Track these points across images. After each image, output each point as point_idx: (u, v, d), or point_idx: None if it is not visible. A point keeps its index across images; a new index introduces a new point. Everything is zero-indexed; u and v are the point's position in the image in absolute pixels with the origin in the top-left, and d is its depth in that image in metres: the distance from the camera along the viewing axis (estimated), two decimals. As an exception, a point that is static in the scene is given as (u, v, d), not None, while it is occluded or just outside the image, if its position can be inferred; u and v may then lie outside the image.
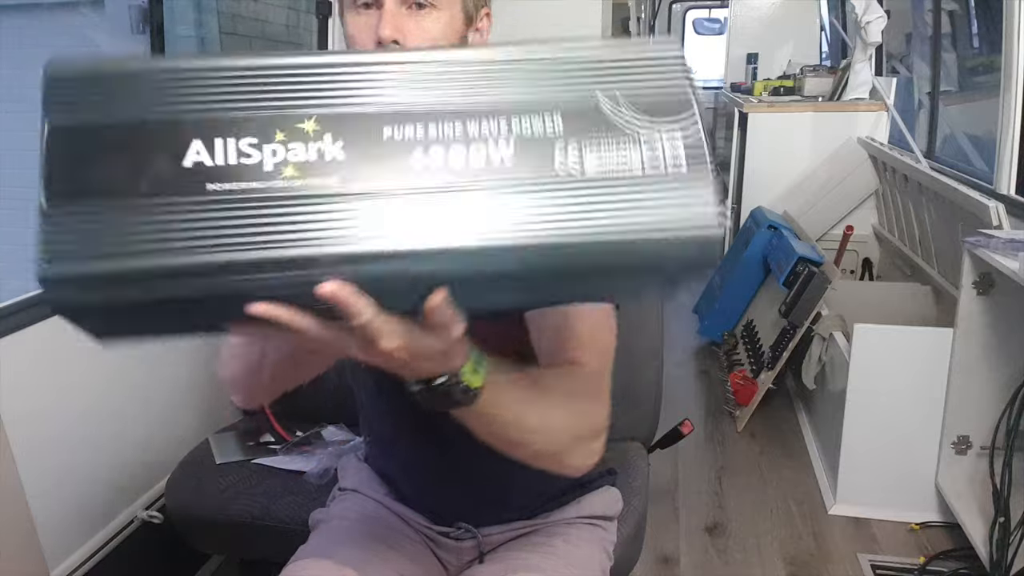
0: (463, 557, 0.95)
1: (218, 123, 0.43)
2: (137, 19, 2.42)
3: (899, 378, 1.90)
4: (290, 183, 0.43)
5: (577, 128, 0.46)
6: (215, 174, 0.42)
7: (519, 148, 0.45)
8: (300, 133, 0.43)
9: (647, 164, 0.46)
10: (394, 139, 0.44)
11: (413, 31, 0.74)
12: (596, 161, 0.45)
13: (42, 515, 1.22)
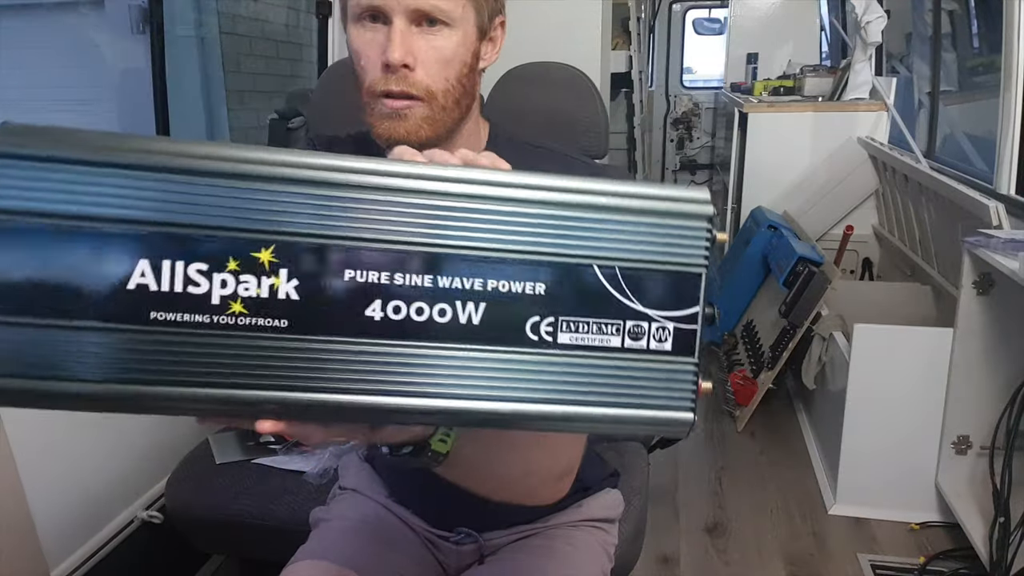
0: (463, 560, 0.94)
1: (169, 242, 0.40)
2: (137, 19, 2.42)
3: (899, 378, 1.90)
4: (236, 319, 0.40)
5: (560, 300, 0.42)
6: (159, 302, 0.40)
7: (489, 311, 0.42)
8: (254, 264, 0.40)
9: (628, 342, 0.43)
10: (355, 282, 0.41)
11: (424, 51, 0.71)
12: (572, 336, 0.43)
13: (42, 515, 1.22)
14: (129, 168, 0.40)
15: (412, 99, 0.71)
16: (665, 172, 6.00)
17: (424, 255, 0.41)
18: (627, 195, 0.43)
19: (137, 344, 0.40)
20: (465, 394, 0.42)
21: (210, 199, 0.40)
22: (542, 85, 1.22)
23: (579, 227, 0.42)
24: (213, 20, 2.91)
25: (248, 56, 3.05)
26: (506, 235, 0.42)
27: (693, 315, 0.43)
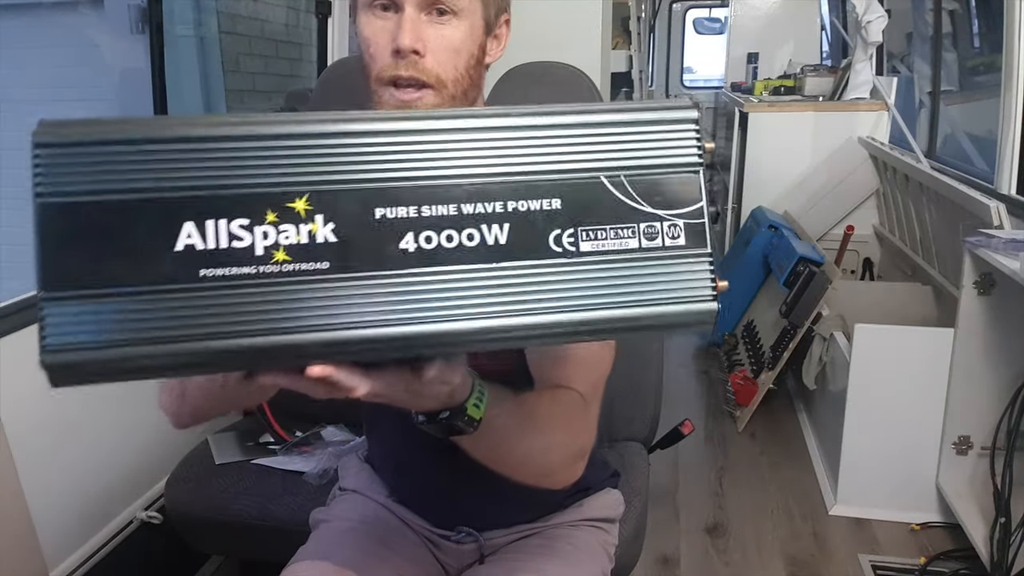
0: (464, 560, 0.94)
1: (210, 203, 0.42)
2: (136, 19, 2.42)
3: (900, 378, 1.89)
4: (281, 267, 0.42)
5: (577, 212, 0.45)
6: (207, 259, 0.42)
7: (513, 230, 0.44)
8: (291, 213, 0.43)
9: (644, 242, 0.46)
10: (386, 219, 0.44)
11: (433, 39, 0.71)
12: (593, 244, 0.45)
13: (41, 515, 1.22)
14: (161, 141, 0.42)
15: (422, 87, 0.72)
16: (665, 172, 6.00)
17: (446, 186, 0.44)
18: (621, 110, 0.47)
19: (192, 302, 0.41)
20: (503, 311, 0.44)
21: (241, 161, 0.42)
22: (542, 85, 1.22)
23: (583, 145, 0.46)
24: (212, 20, 2.91)
25: (248, 56, 3.05)
26: (518, 160, 0.45)
27: (699, 209, 0.47)
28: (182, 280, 0.41)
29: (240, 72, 3.03)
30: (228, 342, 0.42)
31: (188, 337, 0.41)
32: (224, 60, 2.91)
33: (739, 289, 2.97)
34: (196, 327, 0.41)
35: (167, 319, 0.41)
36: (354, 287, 0.43)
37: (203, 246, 0.42)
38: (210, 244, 0.42)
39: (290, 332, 0.42)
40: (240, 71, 3.03)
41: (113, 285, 0.41)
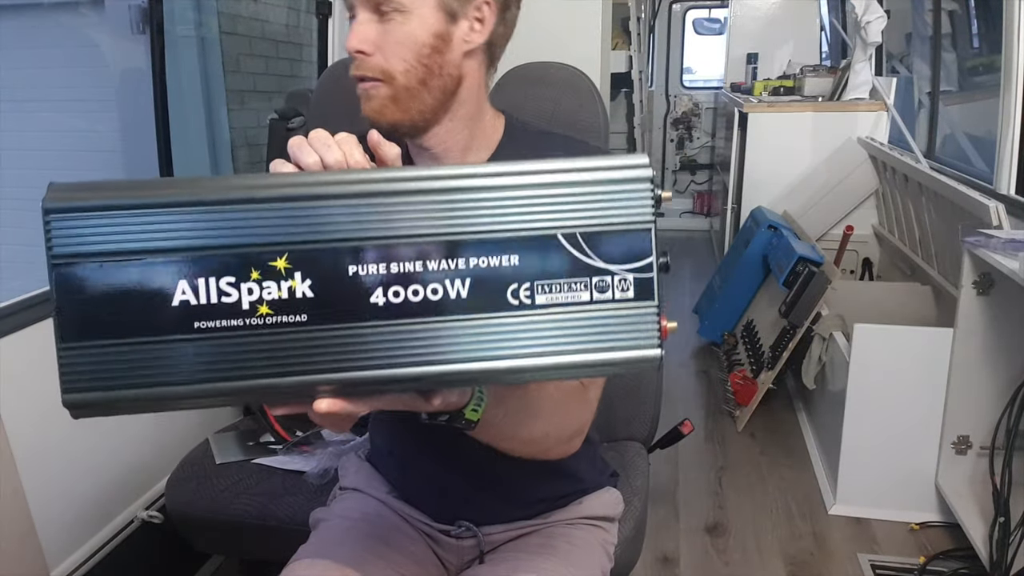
0: (464, 556, 0.95)
1: (201, 263, 0.48)
2: (137, 19, 2.42)
3: (899, 378, 1.90)
4: (265, 320, 0.48)
5: (533, 268, 0.49)
6: (200, 313, 0.48)
7: (475, 285, 0.49)
8: (273, 271, 0.48)
9: (596, 295, 0.49)
10: (358, 275, 0.48)
11: (379, 37, 0.77)
12: (548, 296, 0.49)
13: (42, 515, 1.22)
14: (156, 207, 0.48)
15: (374, 80, 0.78)
16: (665, 172, 6.00)
17: (412, 245, 0.49)
18: (577, 169, 0.50)
19: (186, 350, 0.48)
20: (463, 357, 0.49)
21: (227, 223, 0.48)
22: (542, 85, 1.22)
23: (540, 203, 0.49)
24: (213, 20, 2.91)
25: (248, 56, 3.05)
26: (478, 219, 0.49)
27: (649, 265, 0.50)
28: (179, 332, 0.47)
29: (241, 72, 3.03)
30: (218, 384, 0.48)
31: (184, 380, 0.48)
32: (225, 60, 2.91)
33: (739, 289, 2.98)
34: (191, 372, 0.48)
35: (166, 365, 0.48)
36: (329, 337, 0.48)
37: (196, 302, 0.48)
38: (202, 300, 0.48)
39: (272, 376, 0.48)
40: (241, 71, 3.03)
41: (119, 336, 0.47)
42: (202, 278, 0.47)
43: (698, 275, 4.13)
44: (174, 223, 0.47)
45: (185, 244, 0.47)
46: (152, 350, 0.47)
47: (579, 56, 1.50)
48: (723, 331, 3.01)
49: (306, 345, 0.48)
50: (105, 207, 0.47)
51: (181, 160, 1.95)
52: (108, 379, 0.47)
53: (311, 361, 0.48)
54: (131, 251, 0.47)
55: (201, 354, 0.48)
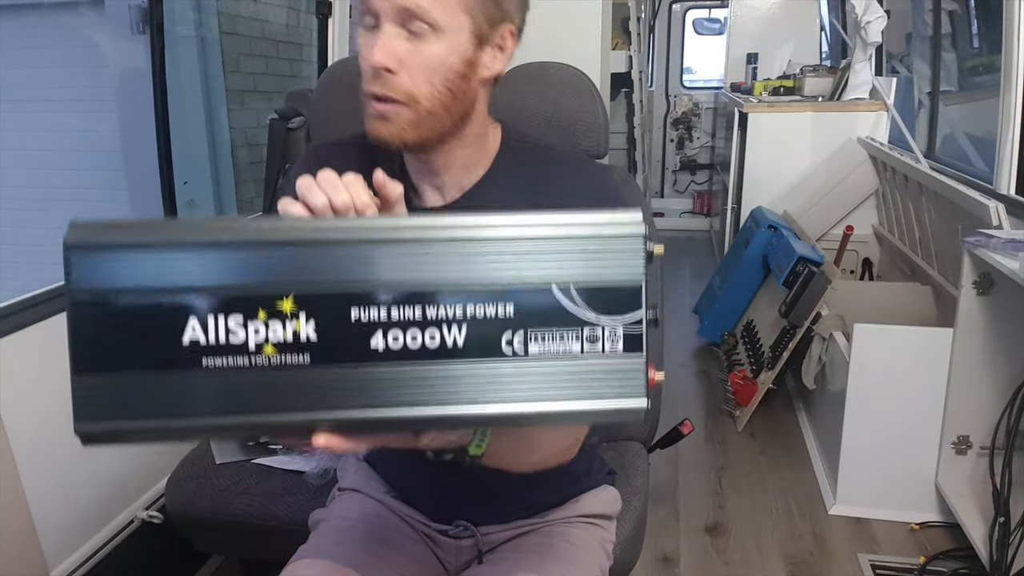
0: (462, 556, 0.95)
1: (211, 302, 0.50)
2: (137, 19, 2.42)
3: (899, 378, 1.90)
4: (270, 360, 0.50)
5: (528, 317, 0.51)
6: (208, 350, 0.50)
7: (470, 333, 0.51)
8: (279, 312, 0.50)
9: (587, 345, 0.52)
10: (360, 320, 0.50)
11: (408, 55, 0.72)
12: (540, 346, 0.51)
13: (42, 515, 1.22)
14: (173, 247, 0.50)
15: (396, 103, 0.73)
16: (665, 172, 6.00)
17: (412, 292, 0.50)
18: (574, 224, 0.52)
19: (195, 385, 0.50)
20: (456, 400, 0.51)
21: (237, 265, 0.50)
22: (542, 85, 1.22)
23: (536, 255, 0.51)
24: (213, 20, 2.91)
25: (248, 56, 3.05)
26: (477, 269, 0.51)
27: (638, 319, 0.52)
28: (188, 367, 0.49)
29: (241, 72, 3.03)
30: (223, 419, 0.50)
31: (190, 414, 0.50)
32: (225, 60, 2.91)
33: (739, 289, 2.98)
34: (198, 406, 0.50)
35: (174, 399, 0.50)
36: (330, 377, 0.50)
37: (205, 340, 0.50)
38: (211, 338, 0.50)
39: (274, 412, 0.50)
40: (241, 71, 3.03)
41: (131, 369, 0.49)
42: (211, 317, 0.49)
43: (698, 275, 4.13)
44: (187, 263, 0.49)
45: (196, 284, 0.49)
46: (161, 384, 0.49)
47: (579, 56, 1.50)
48: (723, 331, 3.01)
49: (308, 385, 0.50)
50: (122, 245, 0.50)
51: (181, 160, 1.95)
52: (119, 410, 0.49)
53: (312, 400, 0.50)
54: (145, 289, 0.49)
55: (208, 389, 0.50)
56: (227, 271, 0.50)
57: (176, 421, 0.50)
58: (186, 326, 0.49)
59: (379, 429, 0.53)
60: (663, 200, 5.96)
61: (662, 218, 5.63)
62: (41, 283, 1.31)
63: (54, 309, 1.28)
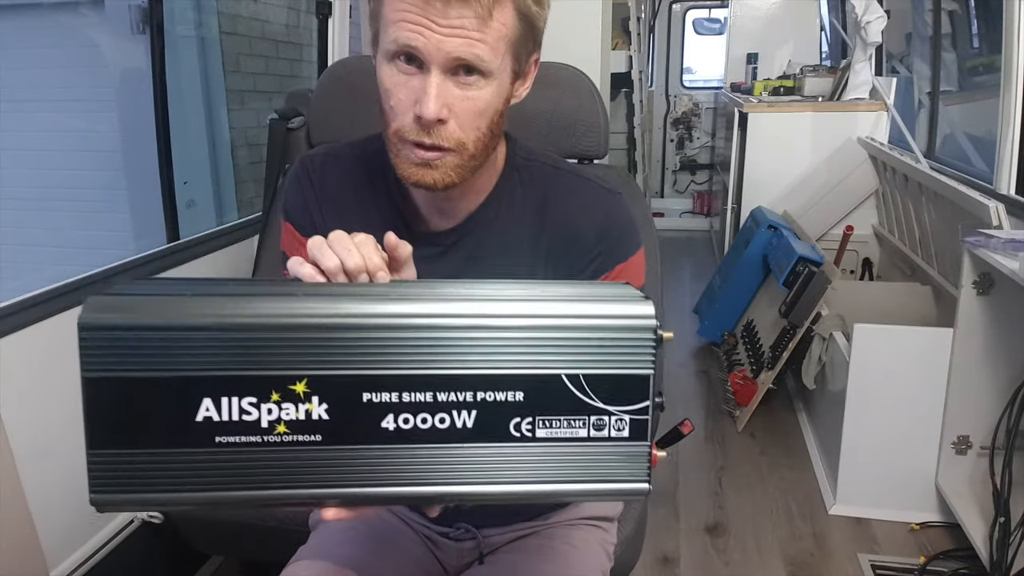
0: (463, 558, 0.95)
1: (225, 383, 0.51)
2: (137, 19, 2.42)
3: (899, 378, 1.90)
4: (282, 438, 0.51)
5: (536, 403, 0.52)
6: (222, 428, 0.51)
7: (480, 416, 0.52)
8: (292, 394, 0.51)
9: (593, 432, 0.53)
10: (371, 402, 0.52)
11: (458, 104, 0.69)
12: (548, 431, 0.53)
13: (42, 515, 1.22)
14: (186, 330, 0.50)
15: (443, 151, 0.70)
16: (665, 172, 6.00)
17: (423, 377, 0.52)
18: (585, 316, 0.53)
19: (209, 462, 0.51)
20: (464, 480, 0.53)
21: (252, 349, 0.51)
22: (542, 85, 1.21)
23: (547, 344, 0.52)
24: (213, 20, 2.91)
25: (248, 56, 3.05)
26: (489, 357, 0.52)
27: (645, 408, 0.53)
28: (201, 445, 0.51)
29: (241, 72, 3.03)
30: (235, 493, 0.52)
31: (204, 487, 0.51)
32: (225, 60, 2.91)
33: (739, 289, 2.98)
34: (210, 481, 0.51)
35: (187, 474, 0.51)
36: (341, 456, 0.52)
37: (218, 418, 0.51)
38: (224, 417, 0.51)
39: (284, 488, 0.52)
40: (241, 71, 3.03)
41: (145, 446, 0.51)
42: (225, 398, 0.51)
43: (698, 275, 4.14)
44: (202, 347, 0.50)
45: (211, 367, 0.51)
46: (175, 460, 0.51)
47: (579, 56, 1.50)
48: (723, 331, 3.01)
49: (319, 462, 0.52)
50: (135, 327, 0.51)
51: (181, 160, 1.95)
52: (132, 483, 0.51)
53: (322, 477, 0.52)
54: (159, 370, 0.50)
55: (221, 465, 0.51)
56: (242, 356, 0.51)
57: (188, 495, 0.51)
58: (199, 405, 0.51)
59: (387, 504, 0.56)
60: (663, 200, 5.96)
61: (662, 218, 5.63)
62: (41, 283, 1.30)
63: (54, 309, 1.28)
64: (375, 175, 0.84)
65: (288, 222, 0.86)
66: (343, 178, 0.84)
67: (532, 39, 0.73)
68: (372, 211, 0.82)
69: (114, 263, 1.47)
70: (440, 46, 0.66)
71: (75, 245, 2.81)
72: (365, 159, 0.84)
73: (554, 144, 1.20)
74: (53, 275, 1.34)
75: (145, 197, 2.15)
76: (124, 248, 2.64)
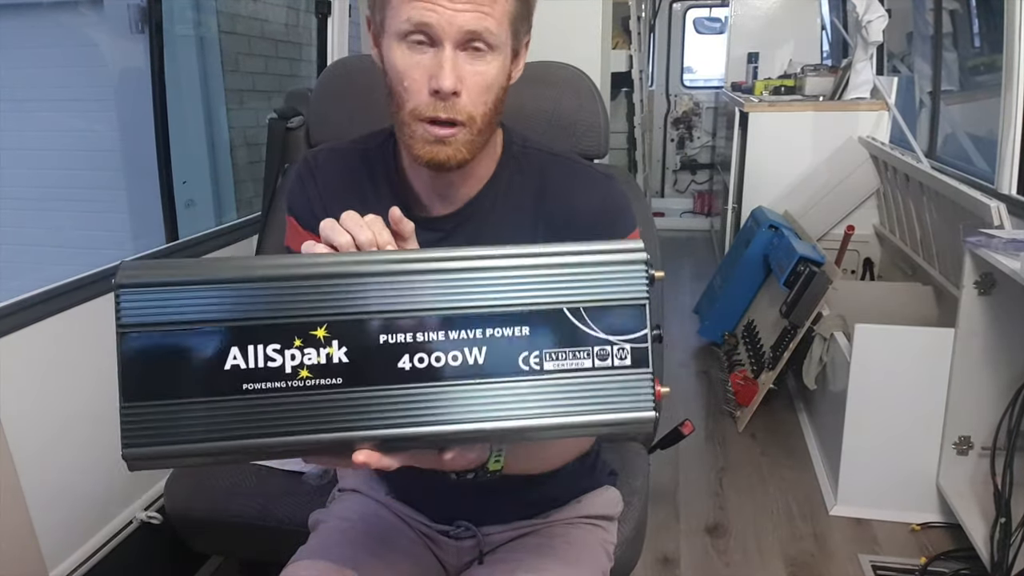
0: (463, 557, 0.94)
1: (251, 332, 0.54)
2: (136, 18, 2.42)
3: (900, 378, 1.89)
4: (305, 382, 0.54)
5: (542, 338, 0.56)
6: (248, 376, 0.54)
7: (490, 353, 0.56)
8: (313, 339, 0.54)
9: (597, 362, 0.56)
10: (388, 343, 0.55)
11: (470, 78, 0.72)
12: (555, 363, 0.56)
13: (41, 516, 1.22)
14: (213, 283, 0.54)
15: (455, 125, 0.73)
16: (665, 172, 5.99)
17: (435, 318, 0.55)
18: (582, 252, 0.57)
19: (237, 409, 0.54)
20: (479, 417, 0.55)
21: (275, 298, 0.54)
22: (542, 85, 1.22)
23: (549, 282, 0.56)
24: (212, 19, 2.91)
25: (247, 55, 3.05)
26: (495, 295, 0.56)
27: (644, 336, 0.57)
28: (229, 393, 0.54)
29: (240, 72, 3.03)
30: (263, 440, 0.54)
31: (233, 436, 0.54)
32: (224, 60, 2.91)
33: (739, 289, 2.97)
34: (240, 428, 0.54)
35: (217, 423, 0.53)
36: (361, 398, 0.55)
37: (245, 366, 0.54)
38: (250, 364, 0.54)
39: (310, 432, 0.54)
40: (240, 71, 3.03)
41: (176, 396, 0.53)
42: (251, 345, 0.54)
43: (698, 275, 4.13)
44: (228, 298, 0.54)
45: (237, 316, 0.54)
46: (205, 409, 0.53)
47: (579, 56, 1.50)
48: (724, 331, 3.01)
49: (341, 405, 0.54)
50: (167, 283, 0.54)
51: (180, 160, 1.94)
52: (164, 435, 0.53)
53: (346, 419, 0.54)
54: (189, 322, 0.54)
55: (249, 413, 0.54)
56: (266, 305, 0.54)
57: (219, 444, 0.53)
58: (228, 355, 0.54)
59: (407, 446, 0.57)
60: (663, 200, 5.95)
61: (662, 218, 5.63)
62: (41, 283, 1.30)
63: (54, 309, 1.28)
64: (376, 167, 0.85)
65: (291, 216, 0.88)
66: (345, 172, 0.86)
67: (527, 18, 0.77)
68: (373, 201, 0.84)
69: (113, 263, 1.47)
70: (452, 20, 0.69)
71: (73, 245, 2.81)
72: (367, 153, 0.87)
73: (554, 144, 1.20)
74: (53, 275, 1.34)
75: (144, 197, 2.14)
76: (122, 248, 2.64)
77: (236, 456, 0.54)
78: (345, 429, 0.54)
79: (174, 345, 0.53)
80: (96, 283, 1.37)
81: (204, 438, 0.53)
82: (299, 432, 0.54)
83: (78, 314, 1.32)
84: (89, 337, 1.32)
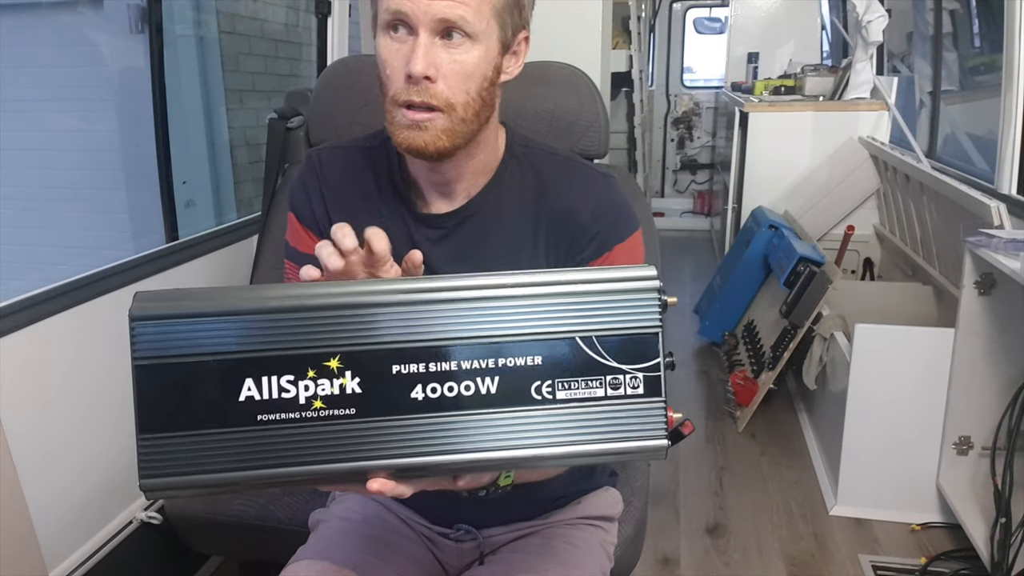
0: (463, 559, 0.94)
1: (265, 363, 0.54)
2: (136, 18, 2.42)
3: (900, 378, 1.89)
4: (319, 413, 0.55)
5: (554, 369, 0.56)
6: (263, 407, 0.54)
7: (502, 382, 0.56)
8: (327, 370, 0.55)
9: (610, 391, 0.56)
10: (400, 374, 0.55)
11: (446, 64, 0.73)
12: (567, 392, 0.56)
13: (41, 516, 1.22)
14: (228, 315, 0.54)
15: (432, 110, 0.74)
16: (665, 172, 5.99)
17: (448, 347, 0.55)
18: (594, 280, 0.57)
19: (252, 440, 0.54)
20: (491, 446, 0.55)
21: (288, 329, 0.55)
22: (542, 85, 1.22)
23: (561, 311, 0.56)
24: (212, 19, 2.91)
25: (247, 55, 3.05)
26: (507, 324, 0.56)
27: (656, 365, 0.56)
28: (244, 424, 0.54)
29: (240, 72, 3.03)
30: (278, 470, 0.54)
31: (249, 466, 0.54)
32: (224, 60, 2.91)
33: (739, 289, 2.97)
34: (255, 459, 0.54)
35: (232, 453, 0.54)
36: (374, 428, 0.55)
37: (259, 397, 0.54)
38: (265, 396, 0.54)
39: (325, 462, 0.54)
40: (240, 71, 3.03)
41: (192, 428, 0.54)
42: (265, 377, 0.54)
43: (698, 275, 4.13)
44: (242, 329, 0.54)
45: (251, 348, 0.54)
46: (221, 441, 0.54)
47: (579, 56, 1.50)
48: (724, 331, 3.01)
49: (355, 435, 0.55)
50: (182, 315, 0.54)
51: (180, 160, 1.94)
52: (181, 466, 0.54)
53: (360, 449, 0.55)
54: (204, 354, 0.54)
55: (263, 443, 0.54)
56: (279, 336, 0.54)
57: (235, 474, 0.54)
58: (242, 386, 0.54)
59: (421, 474, 0.57)
60: (663, 200, 5.95)
61: (662, 218, 5.63)
62: (41, 283, 1.30)
63: (54, 309, 1.28)
64: (379, 164, 0.86)
65: (292, 213, 0.89)
66: (347, 169, 0.87)
67: (518, 11, 0.77)
68: (375, 197, 0.85)
69: (113, 263, 1.47)
70: (428, 9, 0.71)
71: (72, 245, 2.80)
72: (369, 151, 0.87)
73: (554, 144, 1.20)
74: (53, 275, 1.34)
75: (144, 197, 2.14)
76: (122, 248, 2.64)
77: (251, 486, 0.55)
78: (359, 459, 0.55)
79: (189, 377, 0.54)
80: (96, 283, 1.37)
81: (220, 468, 0.54)
82: (313, 462, 0.54)
83: (78, 314, 1.32)
84: (89, 337, 1.32)
